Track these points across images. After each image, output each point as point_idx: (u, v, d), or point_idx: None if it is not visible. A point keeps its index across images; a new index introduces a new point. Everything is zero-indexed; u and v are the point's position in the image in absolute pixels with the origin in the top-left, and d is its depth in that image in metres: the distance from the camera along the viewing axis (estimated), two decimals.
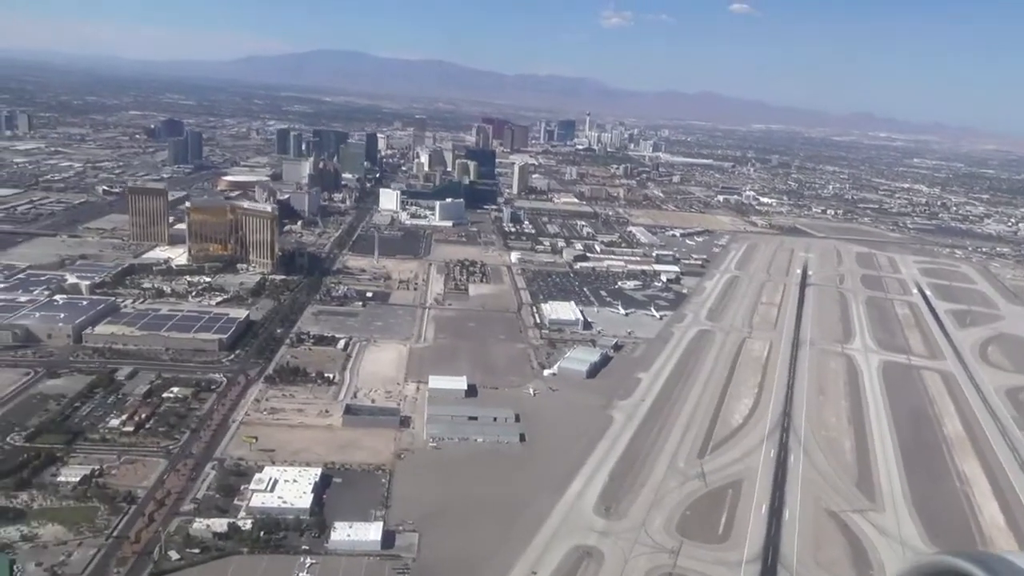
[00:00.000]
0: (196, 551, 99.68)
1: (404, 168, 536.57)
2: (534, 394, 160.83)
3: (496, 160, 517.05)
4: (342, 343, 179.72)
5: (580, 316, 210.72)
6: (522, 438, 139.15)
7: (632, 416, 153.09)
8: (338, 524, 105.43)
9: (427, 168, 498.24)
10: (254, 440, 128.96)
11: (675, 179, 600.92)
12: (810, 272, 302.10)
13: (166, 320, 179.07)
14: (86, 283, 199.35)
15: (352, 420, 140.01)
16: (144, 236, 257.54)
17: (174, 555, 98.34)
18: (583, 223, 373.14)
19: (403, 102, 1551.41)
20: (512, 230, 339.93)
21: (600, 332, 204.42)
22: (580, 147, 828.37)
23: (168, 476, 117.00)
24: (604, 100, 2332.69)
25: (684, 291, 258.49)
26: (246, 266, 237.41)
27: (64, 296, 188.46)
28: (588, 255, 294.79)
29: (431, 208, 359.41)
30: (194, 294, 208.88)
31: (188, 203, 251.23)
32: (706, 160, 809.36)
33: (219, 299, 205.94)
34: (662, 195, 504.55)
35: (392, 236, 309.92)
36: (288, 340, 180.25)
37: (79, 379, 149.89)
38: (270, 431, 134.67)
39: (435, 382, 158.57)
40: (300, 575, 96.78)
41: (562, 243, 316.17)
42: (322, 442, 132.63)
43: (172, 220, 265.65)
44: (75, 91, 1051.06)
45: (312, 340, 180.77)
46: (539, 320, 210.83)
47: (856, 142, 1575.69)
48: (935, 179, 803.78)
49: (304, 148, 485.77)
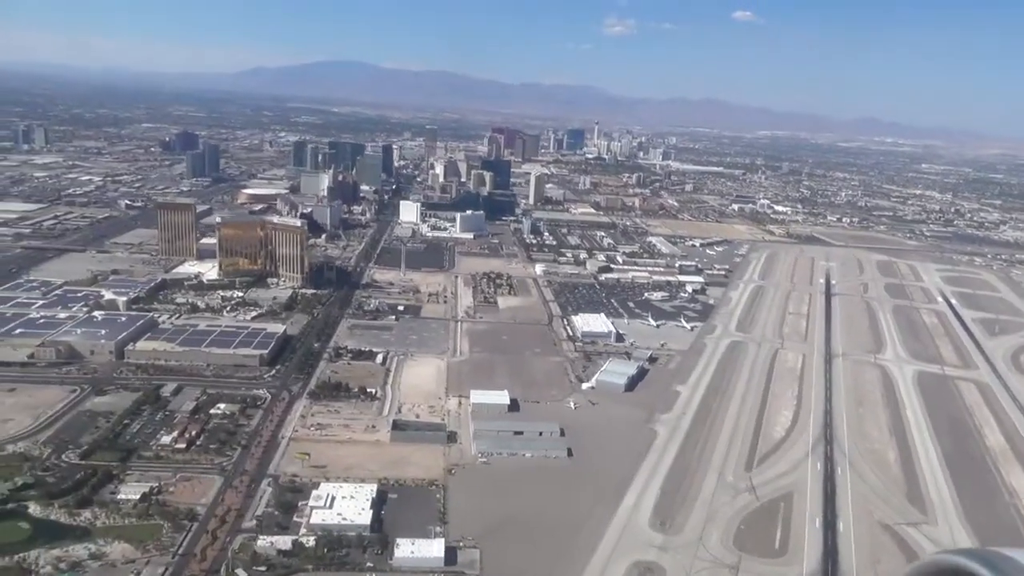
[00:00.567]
0: (262, 568, 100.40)
1: (419, 179, 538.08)
2: (575, 408, 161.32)
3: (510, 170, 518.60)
4: (380, 357, 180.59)
5: (612, 328, 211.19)
6: (569, 453, 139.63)
7: (675, 430, 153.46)
8: (400, 541, 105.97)
9: (442, 179, 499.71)
10: (306, 456, 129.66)
11: (688, 188, 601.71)
12: (833, 281, 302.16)
13: (205, 336, 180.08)
14: (123, 299, 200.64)
15: (400, 436, 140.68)
16: (172, 251, 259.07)
17: (241, 573, 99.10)
18: (602, 233, 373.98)
19: (409, 112, 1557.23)
20: (533, 241, 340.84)
21: (633, 344, 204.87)
22: (590, 156, 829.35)
23: (225, 493, 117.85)
24: (608, 108, 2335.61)
25: (711, 302, 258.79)
26: (276, 280, 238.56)
27: (102, 312, 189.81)
28: (612, 266, 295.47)
29: (451, 220, 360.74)
30: (228, 309, 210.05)
31: (218, 219, 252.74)
32: (716, 168, 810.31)
33: (253, 314, 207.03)
34: (677, 204, 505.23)
35: (415, 249, 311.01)
36: (326, 355, 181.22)
37: (125, 396, 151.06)
38: (320, 447, 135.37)
39: (477, 396, 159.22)
40: None
41: (584, 254, 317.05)
42: (372, 458, 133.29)
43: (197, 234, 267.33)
44: (86, 104, 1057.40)
45: (350, 355, 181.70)
46: (571, 333, 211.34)
47: (863, 148, 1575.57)
48: (946, 185, 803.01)
49: (320, 160, 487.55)
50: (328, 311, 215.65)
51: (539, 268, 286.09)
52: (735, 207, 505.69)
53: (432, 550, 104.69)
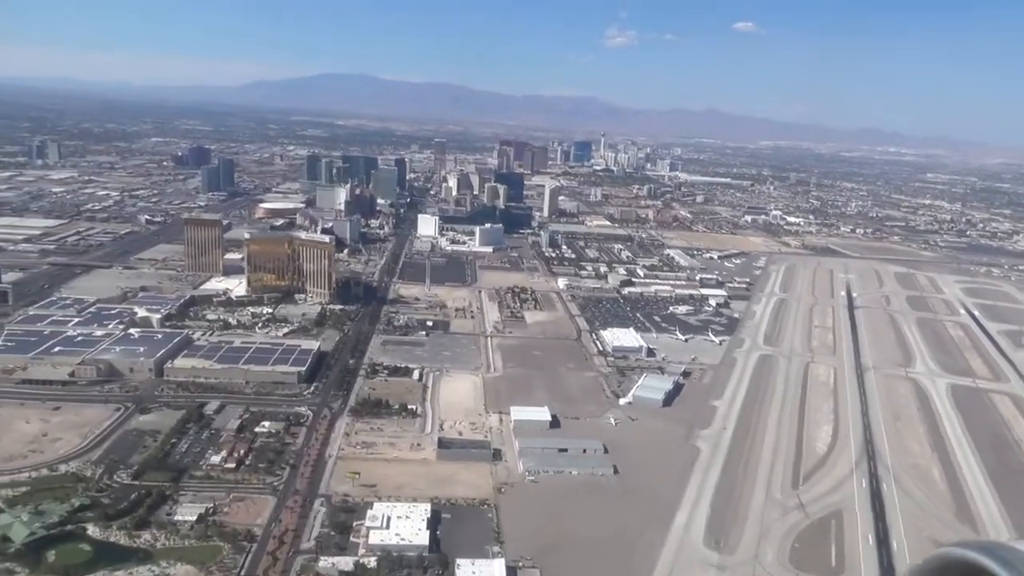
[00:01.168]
0: None
1: (432, 192, 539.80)
2: (615, 424, 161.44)
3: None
4: (416, 374, 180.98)
5: (643, 343, 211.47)
6: (615, 470, 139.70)
7: (717, 446, 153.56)
8: (461, 561, 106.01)
9: (455, 192, 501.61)
10: (357, 475, 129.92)
11: (699, 199, 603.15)
12: (854, 294, 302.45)
13: (242, 353, 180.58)
14: (156, 316, 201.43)
15: (446, 454, 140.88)
16: (197, 266, 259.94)
17: None
18: (620, 246, 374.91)
19: (413, 124, 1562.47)
20: (552, 255, 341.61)
21: (664, 359, 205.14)
22: (598, 168, 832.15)
23: (280, 514, 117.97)
24: (611, 119, 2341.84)
25: (735, 315, 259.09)
26: (303, 296, 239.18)
27: (138, 329, 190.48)
28: (633, 280, 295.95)
29: (469, 233, 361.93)
30: (260, 325, 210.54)
31: (246, 235, 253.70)
32: (724, 179, 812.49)
33: (285, 330, 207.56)
34: (690, 216, 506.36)
35: (436, 263, 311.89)
36: (362, 371, 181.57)
37: (169, 414, 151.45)
38: (368, 466, 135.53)
39: (518, 413, 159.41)
40: None
41: (604, 268, 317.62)
42: (421, 476, 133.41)
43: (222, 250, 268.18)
44: (94, 118, 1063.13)
45: (386, 371, 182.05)
46: (602, 347, 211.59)
47: (866, 157, 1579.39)
48: (954, 195, 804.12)
49: (334, 174, 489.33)
50: (358, 327, 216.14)
51: (562, 282, 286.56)
52: (748, 218, 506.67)
53: (493, 571, 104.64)
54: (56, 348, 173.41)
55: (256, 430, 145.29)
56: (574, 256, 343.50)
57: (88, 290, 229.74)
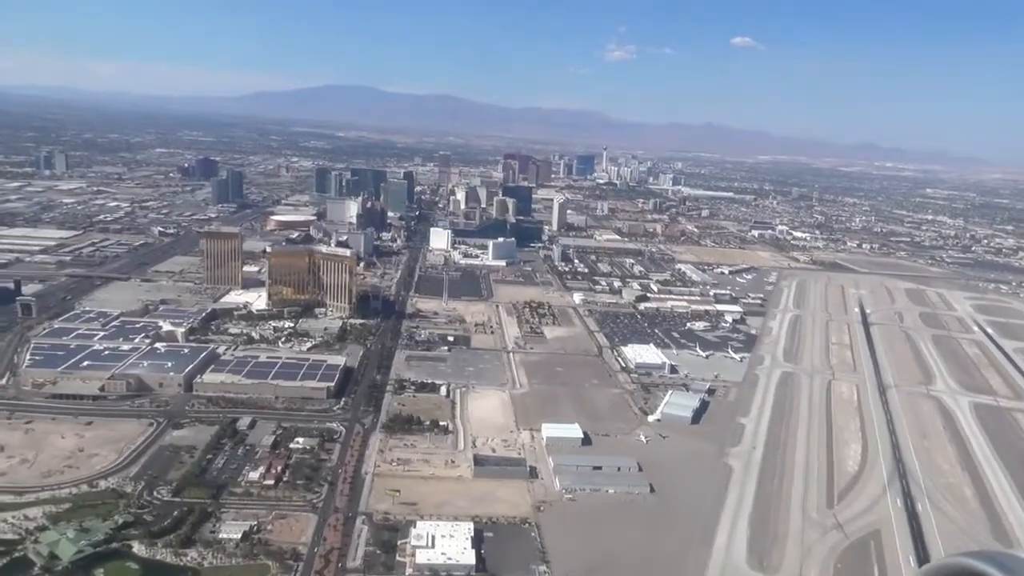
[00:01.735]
0: None
1: (440, 205, 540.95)
2: (646, 441, 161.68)
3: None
4: (443, 390, 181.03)
5: (665, 360, 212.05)
6: (651, 488, 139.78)
7: (749, 464, 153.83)
8: None
9: (463, 205, 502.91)
10: (397, 493, 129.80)
11: (704, 213, 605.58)
12: (867, 310, 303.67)
13: (269, 367, 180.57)
14: (181, 330, 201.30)
15: (482, 471, 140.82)
16: (215, 279, 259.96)
17: None
18: (631, 261, 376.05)
19: (414, 136, 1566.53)
20: (565, 269, 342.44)
21: (688, 376, 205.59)
22: (601, 181, 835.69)
23: (323, 532, 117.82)
24: (609, 132, 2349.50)
25: (752, 331, 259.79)
26: (323, 310, 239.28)
27: (164, 344, 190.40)
28: (648, 295, 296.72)
29: (481, 247, 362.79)
30: (283, 340, 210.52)
31: (267, 248, 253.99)
32: (726, 193, 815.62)
33: (308, 345, 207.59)
34: (696, 230, 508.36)
35: (451, 277, 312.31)
36: (389, 387, 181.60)
37: (202, 429, 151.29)
38: (405, 483, 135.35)
39: (550, 430, 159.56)
40: None
41: (618, 282, 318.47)
42: (459, 494, 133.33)
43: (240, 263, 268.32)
44: (95, 128, 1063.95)
45: (414, 387, 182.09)
46: (624, 364, 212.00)
47: (865, 172, 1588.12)
48: (955, 210, 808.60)
49: (342, 187, 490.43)
50: (380, 341, 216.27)
51: (577, 297, 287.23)
52: (755, 233, 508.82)
53: None
54: (85, 362, 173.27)
55: (291, 446, 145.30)
56: (587, 270, 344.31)
57: (109, 302, 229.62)
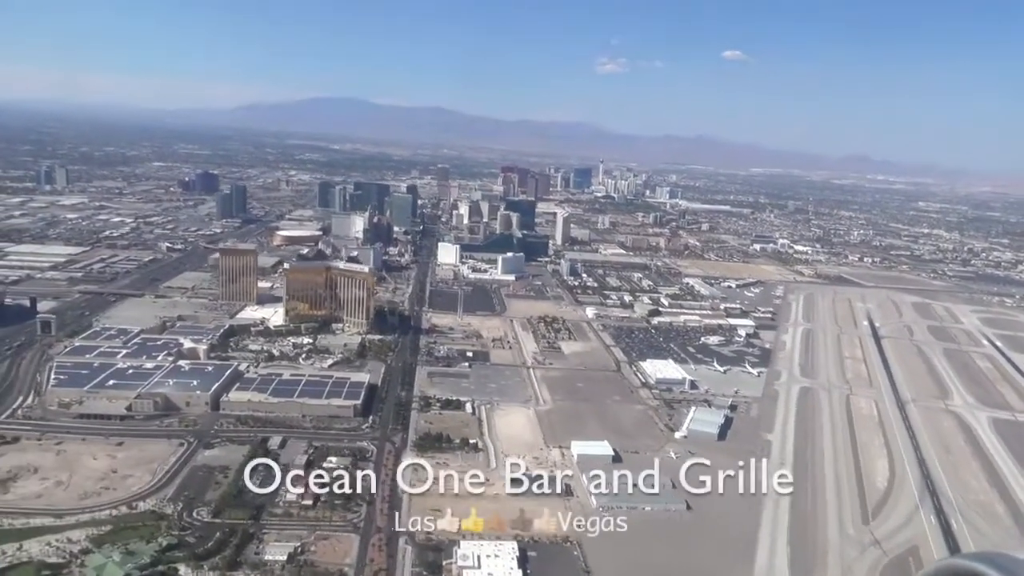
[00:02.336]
0: None
1: (443, 219, 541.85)
2: (676, 458, 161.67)
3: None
4: (468, 407, 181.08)
5: (685, 375, 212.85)
6: (688, 506, 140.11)
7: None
8: None
9: (467, 220, 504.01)
10: (439, 513, 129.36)
11: (704, 227, 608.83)
12: (876, 324, 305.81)
13: (294, 385, 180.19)
14: (203, 347, 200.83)
15: (518, 490, 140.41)
16: (230, 295, 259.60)
17: None
18: (639, 275, 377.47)
19: (409, 149, 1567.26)
20: (575, 283, 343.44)
21: (708, 391, 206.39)
22: (599, 194, 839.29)
23: (368, 553, 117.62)
24: (602, 144, 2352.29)
25: (766, 345, 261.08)
26: (340, 326, 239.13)
27: (187, 361, 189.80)
28: (660, 309, 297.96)
29: (489, 261, 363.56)
30: (303, 356, 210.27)
31: (285, 264, 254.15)
32: (724, 206, 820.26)
33: (329, 361, 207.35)
34: (699, 244, 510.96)
35: (463, 292, 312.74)
36: (414, 404, 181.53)
37: (233, 449, 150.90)
38: (443, 502, 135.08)
39: (580, 448, 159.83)
40: None
41: (628, 296, 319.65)
42: (496, 513, 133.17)
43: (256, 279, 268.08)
44: (91, 141, 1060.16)
45: (439, 404, 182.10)
46: (644, 379, 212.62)
47: (857, 185, 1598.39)
48: (950, 223, 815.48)
49: (346, 201, 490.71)
50: (401, 358, 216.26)
51: (590, 311, 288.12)
52: (757, 247, 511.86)
53: None
54: (110, 381, 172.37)
55: (325, 465, 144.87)
56: (596, 285, 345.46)
57: (126, 319, 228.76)
